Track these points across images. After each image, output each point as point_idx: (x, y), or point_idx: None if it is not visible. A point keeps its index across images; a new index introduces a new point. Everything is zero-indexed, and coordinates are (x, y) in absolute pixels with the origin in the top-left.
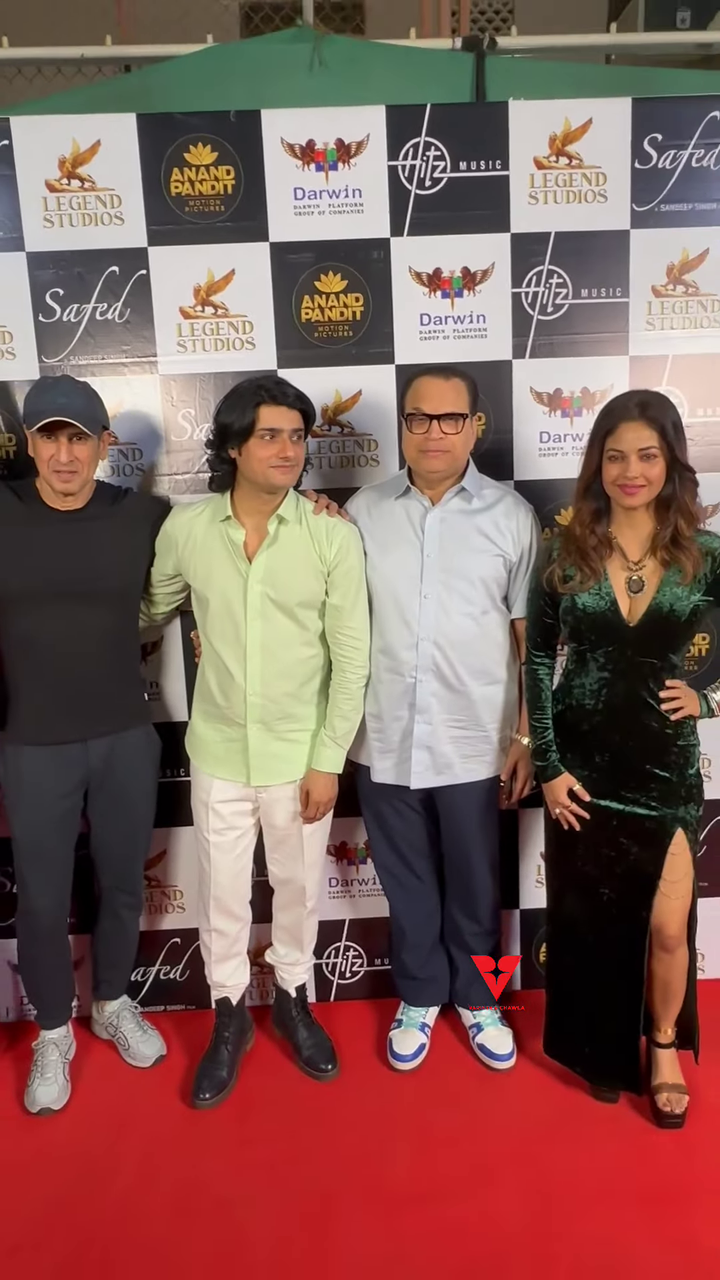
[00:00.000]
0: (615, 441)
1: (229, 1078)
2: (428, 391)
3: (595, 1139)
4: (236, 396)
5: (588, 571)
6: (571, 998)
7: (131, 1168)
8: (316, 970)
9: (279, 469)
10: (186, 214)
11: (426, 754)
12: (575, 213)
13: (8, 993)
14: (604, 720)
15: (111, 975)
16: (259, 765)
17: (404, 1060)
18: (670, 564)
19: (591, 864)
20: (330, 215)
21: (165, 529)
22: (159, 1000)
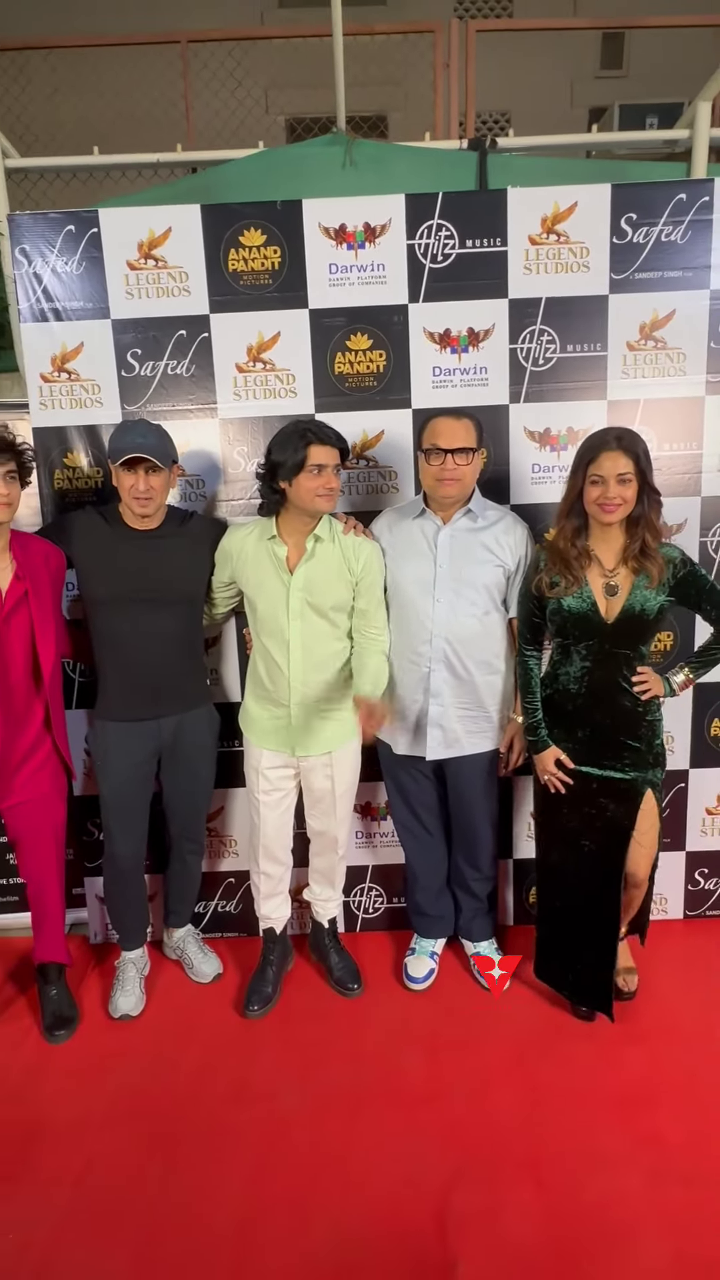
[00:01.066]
0: (597, 468)
1: (274, 993)
2: (443, 430)
3: (576, 1050)
4: (286, 437)
5: (571, 579)
6: (557, 931)
7: (194, 1064)
8: (345, 906)
9: (324, 497)
10: (241, 286)
11: (439, 731)
12: (563, 281)
13: (96, 919)
14: (585, 702)
15: (179, 907)
16: (300, 738)
17: (417, 982)
18: (639, 571)
19: (575, 820)
20: (359, 286)
21: (222, 546)
22: (217, 928)
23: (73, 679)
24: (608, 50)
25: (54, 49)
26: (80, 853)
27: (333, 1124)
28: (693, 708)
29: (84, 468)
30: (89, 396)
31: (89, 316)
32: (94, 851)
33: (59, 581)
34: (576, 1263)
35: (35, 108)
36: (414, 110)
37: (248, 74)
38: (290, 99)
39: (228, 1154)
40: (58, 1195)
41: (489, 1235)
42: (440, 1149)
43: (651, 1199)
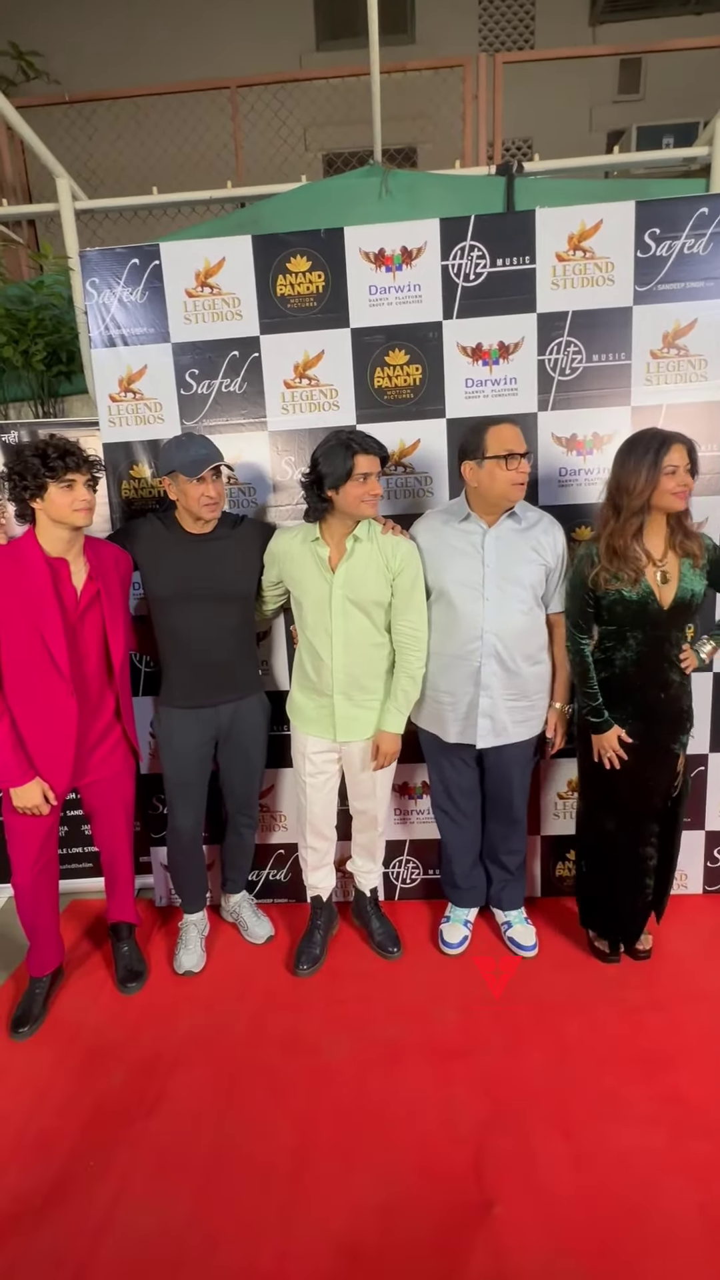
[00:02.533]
0: (670, 459)
1: (321, 954)
2: (512, 436)
3: (601, 1012)
4: (332, 449)
5: (631, 573)
6: (602, 881)
7: (250, 1016)
8: (384, 877)
9: (369, 503)
10: (288, 309)
11: (489, 721)
12: (589, 295)
13: (161, 885)
14: (640, 680)
15: (234, 875)
16: (342, 725)
17: (452, 947)
18: (685, 555)
19: (633, 783)
20: (397, 305)
21: (270, 548)
22: (269, 895)
23: (139, 670)
24: (625, 75)
25: (116, 99)
26: (147, 825)
27: (375, 1074)
28: (712, 693)
29: (148, 478)
30: (152, 414)
31: (151, 341)
32: (159, 824)
33: (127, 582)
34: (606, 1206)
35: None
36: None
37: (290, 114)
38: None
39: (280, 1098)
40: (134, 1127)
41: (522, 1179)
42: (474, 1099)
43: (675, 1151)
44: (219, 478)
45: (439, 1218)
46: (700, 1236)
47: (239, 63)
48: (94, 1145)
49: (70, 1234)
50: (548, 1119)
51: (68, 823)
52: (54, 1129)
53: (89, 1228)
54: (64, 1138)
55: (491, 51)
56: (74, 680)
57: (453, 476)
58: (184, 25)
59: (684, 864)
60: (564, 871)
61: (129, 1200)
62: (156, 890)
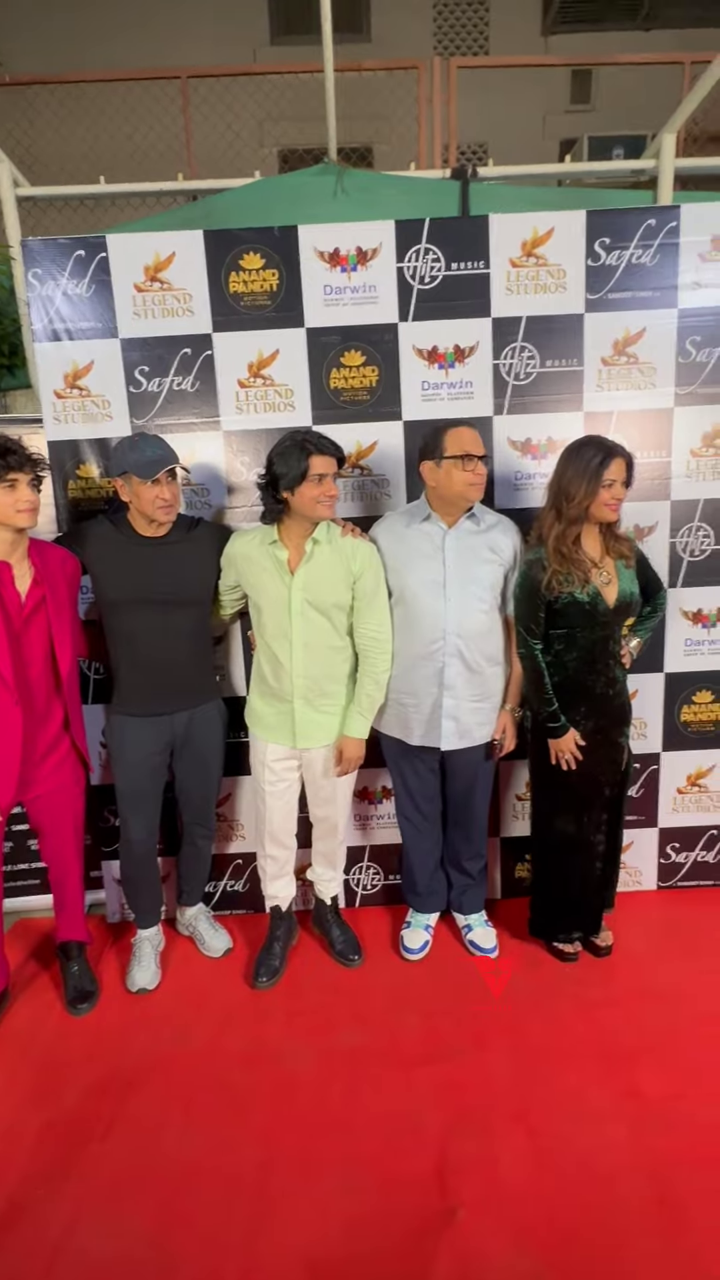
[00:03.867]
0: (609, 474)
1: (280, 965)
2: (470, 438)
3: (561, 1011)
4: (287, 450)
5: (581, 575)
6: (564, 881)
7: (208, 1032)
8: (345, 884)
9: (325, 504)
10: (241, 307)
11: (453, 723)
12: (542, 301)
13: (113, 900)
14: (590, 679)
15: (190, 887)
16: (302, 732)
17: (413, 952)
18: (618, 557)
19: (584, 781)
20: (352, 306)
21: (227, 551)
22: (226, 906)
23: (89, 677)
24: (577, 86)
25: (61, 84)
26: (98, 838)
27: (338, 1083)
28: (664, 696)
29: (96, 478)
30: (99, 411)
31: (99, 336)
32: (111, 837)
33: (75, 586)
34: (568, 1206)
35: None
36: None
37: (244, 108)
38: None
39: (241, 1112)
40: (88, 1149)
41: (485, 1182)
42: (437, 1104)
43: (635, 1147)
44: (174, 479)
45: (404, 1226)
46: (660, 1231)
47: (191, 54)
48: (46, 1170)
49: (22, 1261)
50: (510, 1121)
51: (13, 838)
52: (1, 1155)
53: (42, 1254)
54: (12, 1164)
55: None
56: (18, 689)
57: (410, 479)
58: (136, 15)
59: (638, 860)
60: (523, 873)
61: (85, 1224)
62: (109, 906)
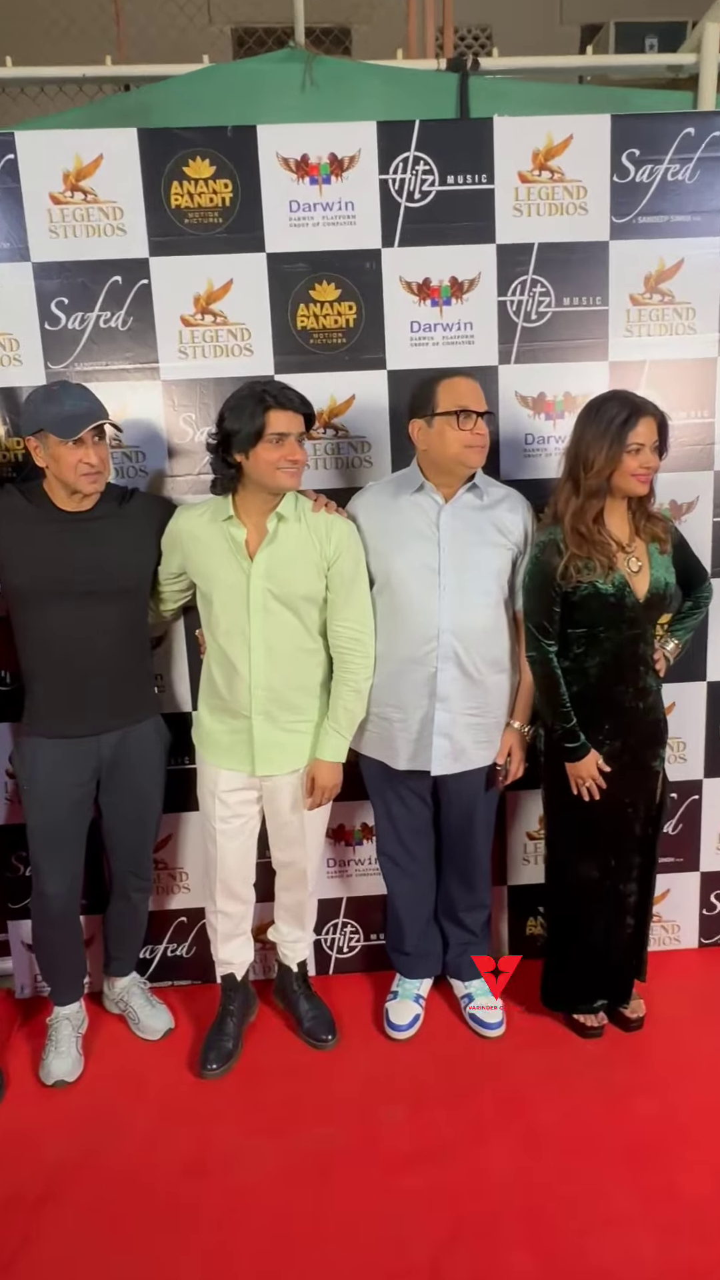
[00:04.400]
0: (636, 436)
1: (234, 1048)
2: (469, 391)
3: (580, 1096)
4: (241, 402)
5: (604, 561)
6: (583, 940)
7: (143, 1133)
8: (316, 946)
9: (286, 471)
10: (186, 226)
11: (446, 741)
12: (557, 224)
13: (23, 971)
14: (618, 690)
15: (121, 953)
16: (263, 756)
17: (400, 1030)
18: (651, 538)
19: (611, 812)
20: (324, 227)
21: (170, 529)
22: (167, 976)
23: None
24: None
25: None
26: (4, 891)
27: (305, 1193)
28: (707, 710)
29: (2, 438)
30: (6, 354)
31: (4, 259)
32: (20, 890)
33: None
34: None
35: None
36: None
37: None
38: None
39: (184, 1232)
40: None
41: None
42: (429, 1215)
43: (665, 1261)
44: (102, 440)
45: None
46: None
47: None
48: None
49: None
50: (517, 1231)
51: None
52: None
53: None
54: None
55: None
56: None
57: (396, 441)
58: None
59: (675, 913)
60: (536, 930)
61: None
62: (16, 978)
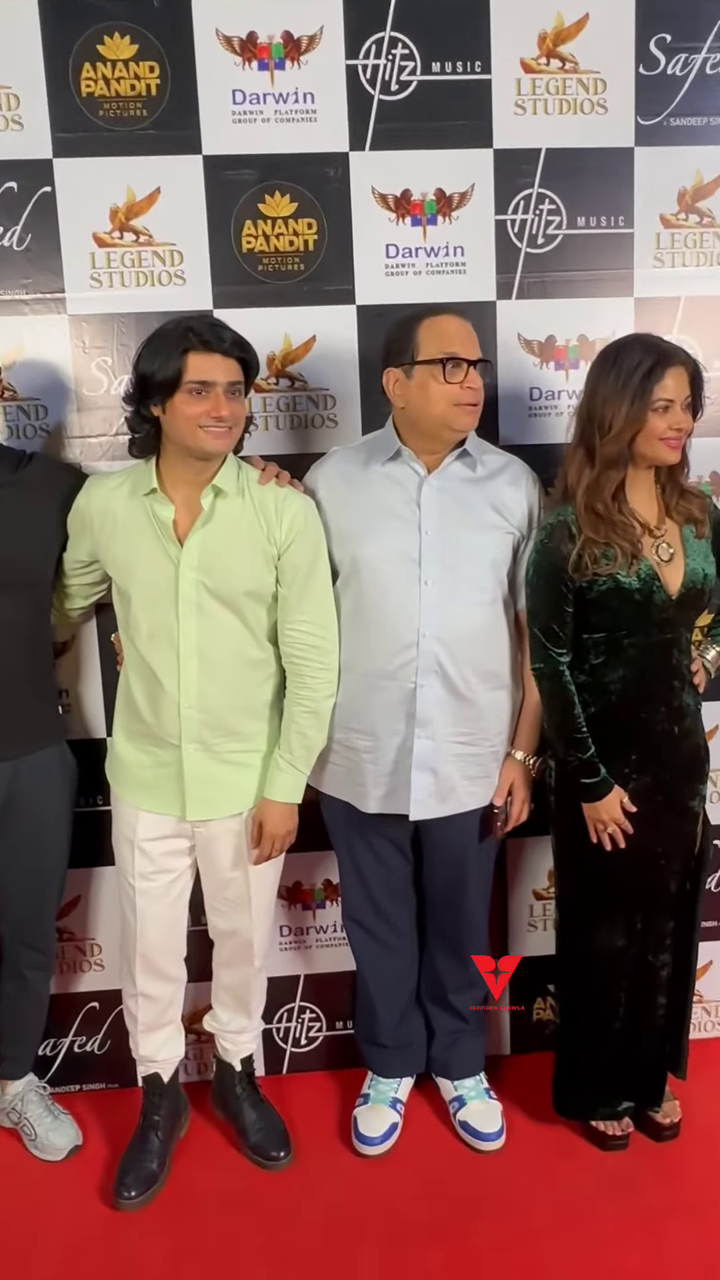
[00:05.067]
0: (664, 390)
1: (159, 1170)
2: (459, 333)
3: (601, 1226)
4: (160, 340)
5: (626, 547)
6: (601, 1030)
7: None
8: (265, 1037)
9: (212, 431)
10: (101, 119)
11: (429, 777)
12: (570, 126)
13: None
14: (644, 710)
15: (15, 1050)
16: (196, 794)
17: (372, 1143)
18: (685, 519)
19: (639, 864)
20: (276, 124)
21: (78, 505)
22: (73, 1079)
23: None
24: None
25: None
26: None
27: None
28: None
29: None
30: None
31: None
32: None
33: None
34: None
35: None
36: None
37: None
38: None
39: None
40: None
41: None
42: None
43: None
44: None
45: None
46: None
47: None
48: None
49: None
50: None
51: None
52: None
53: None
54: None
55: None
56: None
57: (367, 395)
58: None
59: (715, 991)
60: (545, 1013)
61: None
62: None
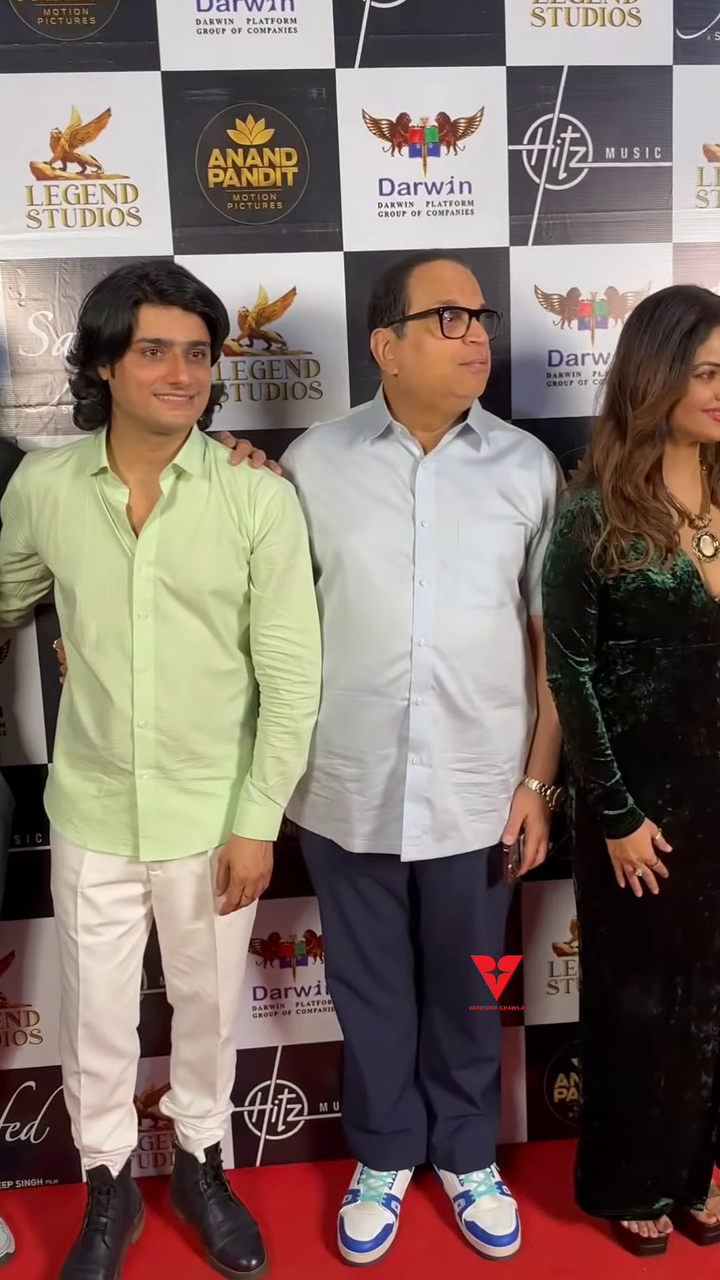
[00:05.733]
0: (709, 352)
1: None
2: (456, 278)
3: None
4: (109, 291)
5: (660, 539)
6: (637, 1104)
7: None
8: (235, 1121)
9: (169, 400)
10: (40, 29)
11: (424, 810)
12: (597, 40)
13: None
14: (680, 731)
15: None
16: (152, 830)
17: (362, 1249)
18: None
19: (674, 912)
20: (249, 36)
21: (13, 487)
22: (6, 1174)
23: None
24: None
25: None
26: None
27: None
28: None
29: None
30: None
31: None
32: None
33: None
34: None
35: None
36: None
37: None
38: None
39: None
40: None
41: None
42: None
43: None
44: None
45: None
46: None
47: None
48: None
49: None
50: None
51: None
52: None
53: None
54: None
55: None
56: None
57: (357, 361)
58: None
59: None
60: (567, 1092)
61: None
62: None
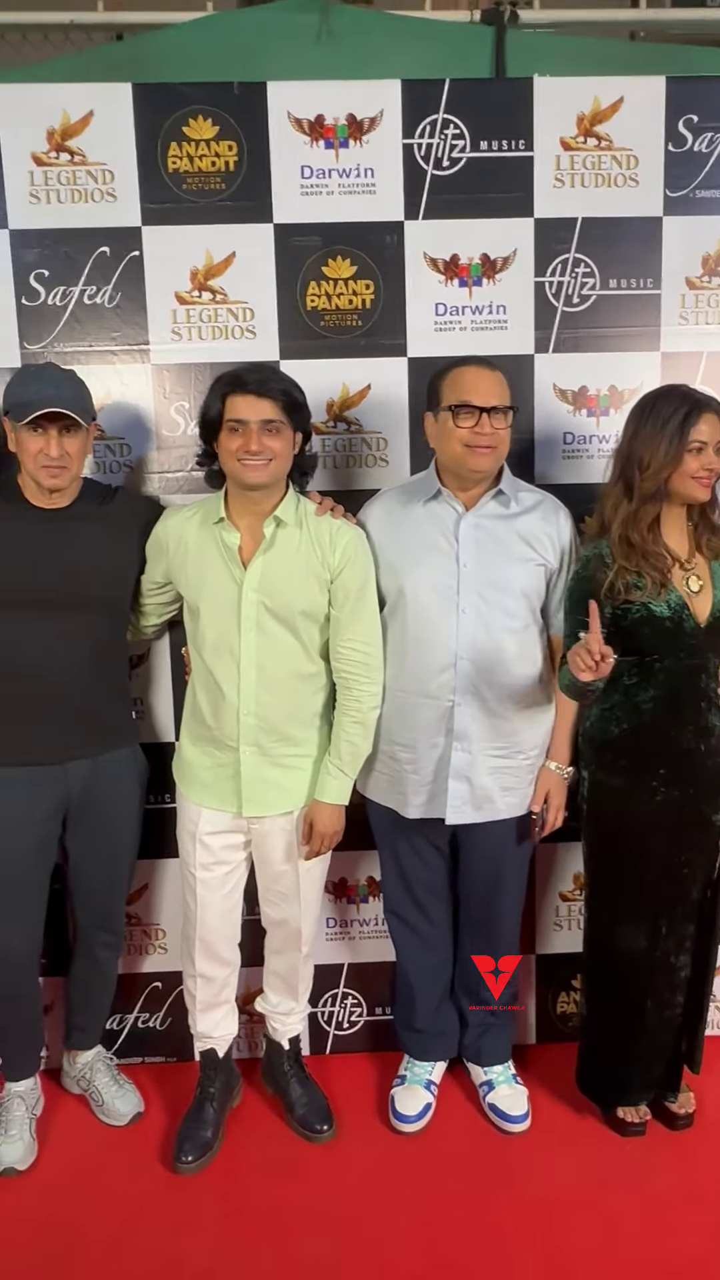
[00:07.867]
0: (699, 433)
1: (214, 1138)
2: (475, 383)
3: (620, 1209)
4: (212, 386)
5: (657, 576)
6: (627, 1016)
7: (104, 1237)
8: (311, 1020)
9: (248, 464)
10: (184, 192)
11: (465, 786)
12: (604, 197)
13: None
14: (674, 729)
15: (85, 1023)
16: (252, 794)
17: (408, 1121)
18: (715, 554)
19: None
20: (340, 196)
21: (156, 533)
22: (137, 1051)
23: None
24: None
25: None
26: None
27: None
28: None
29: None
30: None
31: None
32: None
33: None
34: None
35: None
36: None
37: None
38: None
39: None
40: None
41: None
42: None
43: None
44: (72, 432)
45: None
46: None
47: None
48: None
49: None
50: None
51: None
52: None
53: None
54: None
55: None
56: None
57: (416, 438)
58: None
59: None
60: (568, 1006)
61: None
62: None
